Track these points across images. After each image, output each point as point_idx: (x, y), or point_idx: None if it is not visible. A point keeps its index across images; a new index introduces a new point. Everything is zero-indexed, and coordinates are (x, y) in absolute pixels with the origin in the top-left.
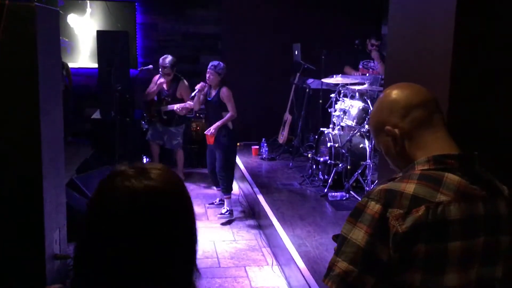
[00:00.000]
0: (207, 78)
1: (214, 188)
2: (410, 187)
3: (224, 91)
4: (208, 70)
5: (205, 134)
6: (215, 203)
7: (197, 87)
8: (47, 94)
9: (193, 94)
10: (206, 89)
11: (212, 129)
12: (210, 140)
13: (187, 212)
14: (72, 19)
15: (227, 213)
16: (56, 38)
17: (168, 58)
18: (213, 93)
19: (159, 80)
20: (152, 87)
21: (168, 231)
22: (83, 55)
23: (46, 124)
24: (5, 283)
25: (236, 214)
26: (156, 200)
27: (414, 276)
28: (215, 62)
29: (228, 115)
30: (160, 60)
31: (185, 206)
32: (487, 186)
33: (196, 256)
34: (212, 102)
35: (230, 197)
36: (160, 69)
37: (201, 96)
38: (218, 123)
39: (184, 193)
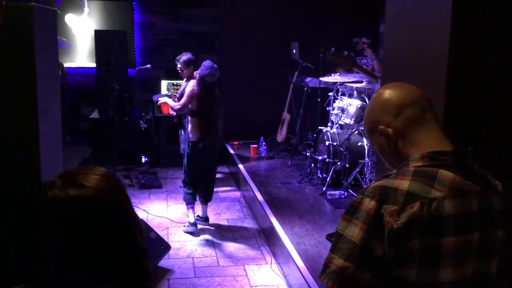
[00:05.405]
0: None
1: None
2: (404, 184)
3: (190, 83)
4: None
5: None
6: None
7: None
8: (45, 94)
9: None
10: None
11: (162, 100)
12: (165, 110)
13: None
14: (70, 18)
15: (188, 224)
16: (54, 38)
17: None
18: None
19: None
20: None
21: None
22: (81, 55)
23: (44, 124)
24: (2, 279)
25: (234, 213)
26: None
27: (410, 271)
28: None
29: (175, 104)
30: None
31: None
32: (480, 182)
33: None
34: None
35: (189, 207)
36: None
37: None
38: (170, 103)
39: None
